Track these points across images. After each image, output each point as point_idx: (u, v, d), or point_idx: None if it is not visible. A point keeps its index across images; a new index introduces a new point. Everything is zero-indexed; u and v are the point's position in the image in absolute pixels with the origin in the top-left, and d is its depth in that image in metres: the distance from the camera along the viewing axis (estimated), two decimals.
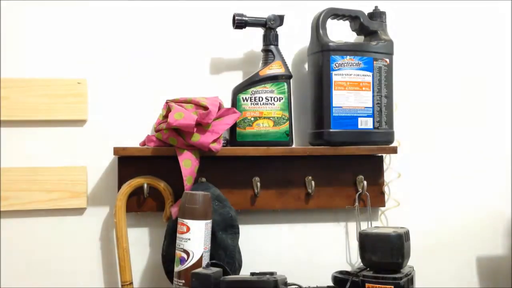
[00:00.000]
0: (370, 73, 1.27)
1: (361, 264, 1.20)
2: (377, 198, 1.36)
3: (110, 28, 1.29)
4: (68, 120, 1.25)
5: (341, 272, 1.20)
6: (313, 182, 1.31)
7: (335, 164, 1.33)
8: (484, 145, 1.47)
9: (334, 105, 1.25)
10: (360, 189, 1.34)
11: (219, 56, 1.34)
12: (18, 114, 1.22)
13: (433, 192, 1.43)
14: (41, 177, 1.22)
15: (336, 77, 1.25)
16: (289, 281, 1.20)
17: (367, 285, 1.10)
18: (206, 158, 1.24)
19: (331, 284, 1.21)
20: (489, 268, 1.45)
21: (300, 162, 1.32)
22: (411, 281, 1.12)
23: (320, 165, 1.33)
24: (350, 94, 1.26)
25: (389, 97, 1.30)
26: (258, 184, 1.28)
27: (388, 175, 1.38)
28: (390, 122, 1.30)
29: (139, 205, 1.24)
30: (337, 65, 1.25)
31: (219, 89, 1.30)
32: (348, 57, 1.26)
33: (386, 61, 1.28)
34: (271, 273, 1.16)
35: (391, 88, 1.30)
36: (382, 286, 1.09)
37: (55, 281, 1.23)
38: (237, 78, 1.33)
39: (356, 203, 1.34)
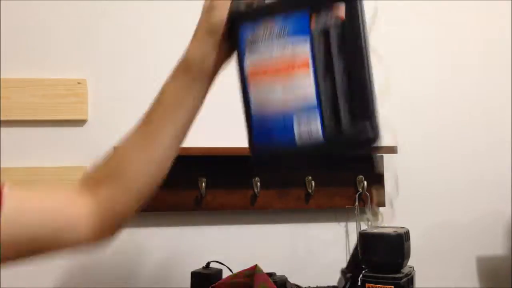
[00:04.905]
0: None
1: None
2: (377, 198, 1.36)
3: (110, 28, 1.29)
4: (68, 120, 1.25)
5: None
6: (313, 182, 1.31)
7: (335, 164, 1.33)
8: (484, 145, 1.46)
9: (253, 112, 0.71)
10: (360, 189, 1.34)
11: None
12: (18, 114, 1.22)
13: (433, 192, 1.43)
14: (41, 177, 1.22)
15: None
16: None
17: (367, 285, 1.10)
18: (206, 158, 1.24)
19: (331, 284, 1.21)
20: (489, 268, 1.45)
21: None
22: (411, 281, 1.12)
23: (320, 165, 1.32)
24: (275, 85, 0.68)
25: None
26: (258, 184, 1.28)
27: (388, 175, 1.38)
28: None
29: None
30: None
31: (218, 89, 1.30)
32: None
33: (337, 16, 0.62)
34: (271, 274, 1.17)
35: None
36: (382, 286, 1.09)
37: (55, 281, 1.23)
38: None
39: (356, 203, 1.34)
